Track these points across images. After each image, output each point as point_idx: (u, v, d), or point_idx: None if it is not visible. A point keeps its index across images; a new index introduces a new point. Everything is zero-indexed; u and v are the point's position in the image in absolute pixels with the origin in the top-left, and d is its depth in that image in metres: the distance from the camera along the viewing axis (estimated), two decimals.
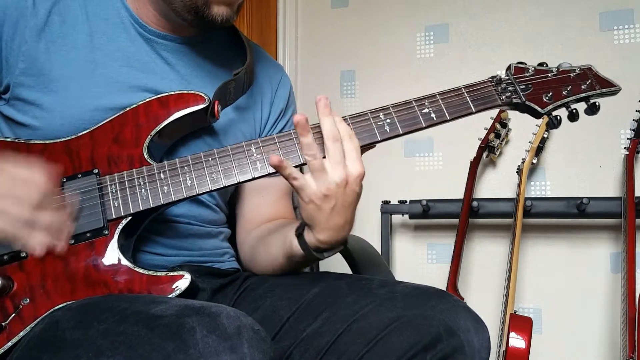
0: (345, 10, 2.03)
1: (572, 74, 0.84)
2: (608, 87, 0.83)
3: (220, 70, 0.91)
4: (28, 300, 0.69)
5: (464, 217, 1.60)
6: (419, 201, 1.71)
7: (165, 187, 0.75)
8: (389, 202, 1.80)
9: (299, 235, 0.79)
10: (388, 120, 0.77)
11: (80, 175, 0.75)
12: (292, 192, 1.01)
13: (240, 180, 0.76)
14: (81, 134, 0.78)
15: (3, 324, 0.67)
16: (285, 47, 2.04)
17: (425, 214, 1.73)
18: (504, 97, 0.81)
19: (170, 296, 0.70)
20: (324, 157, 0.74)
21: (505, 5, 1.85)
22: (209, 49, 0.91)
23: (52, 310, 0.68)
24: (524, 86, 0.82)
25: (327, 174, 0.73)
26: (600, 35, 1.74)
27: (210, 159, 0.76)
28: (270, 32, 2.04)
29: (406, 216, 1.80)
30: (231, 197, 0.99)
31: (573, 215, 1.60)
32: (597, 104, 0.83)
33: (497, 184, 1.82)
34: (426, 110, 0.79)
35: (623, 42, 1.72)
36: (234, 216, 1.00)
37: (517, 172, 1.67)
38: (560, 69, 0.85)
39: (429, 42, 1.92)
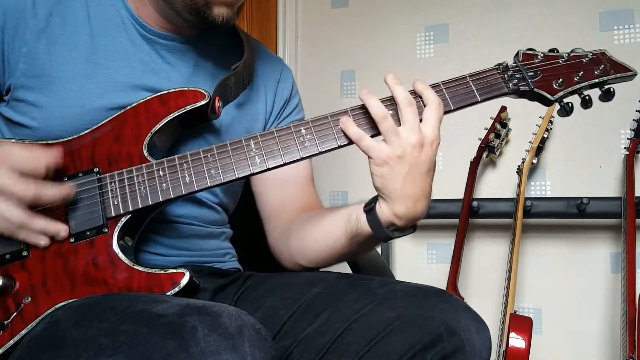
0: (345, 10, 2.03)
1: (584, 59, 0.80)
2: (623, 72, 0.79)
3: (221, 70, 0.91)
4: (29, 298, 0.69)
5: (464, 217, 1.60)
6: None
7: (164, 184, 0.75)
8: None
9: (369, 211, 0.76)
10: (390, 112, 0.75)
11: (81, 175, 0.75)
12: (313, 179, 0.99)
13: (239, 176, 0.75)
14: (82, 133, 0.78)
15: (5, 322, 0.68)
16: (285, 47, 2.04)
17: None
18: (511, 84, 0.78)
19: (169, 293, 0.69)
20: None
21: (505, 5, 1.84)
22: (209, 48, 0.91)
23: (52, 309, 0.68)
24: (532, 73, 0.79)
25: (400, 138, 0.72)
26: (600, 35, 1.73)
27: (208, 155, 0.76)
28: (270, 32, 2.04)
29: None
30: (247, 197, 0.98)
31: (573, 215, 1.59)
32: (611, 89, 0.78)
33: (497, 184, 1.82)
34: None
35: (623, 42, 1.71)
36: (236, 216, 1.00)
37: (517, 172, 1.67)
38: (572, 54, 0.81)
39: (429, 42, 1.92)
